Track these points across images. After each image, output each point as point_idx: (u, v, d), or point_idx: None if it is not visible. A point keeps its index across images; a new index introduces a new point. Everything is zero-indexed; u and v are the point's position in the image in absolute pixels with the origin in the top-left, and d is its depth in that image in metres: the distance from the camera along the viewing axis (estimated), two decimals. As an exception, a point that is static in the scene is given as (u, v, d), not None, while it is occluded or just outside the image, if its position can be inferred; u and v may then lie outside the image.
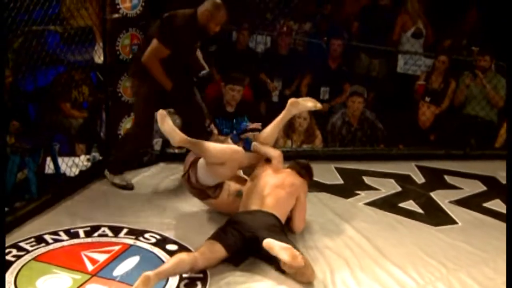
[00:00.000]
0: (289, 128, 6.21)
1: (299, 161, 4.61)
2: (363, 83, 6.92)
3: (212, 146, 4.14)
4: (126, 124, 5.17)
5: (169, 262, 3.61)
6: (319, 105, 4.75)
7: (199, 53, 4.95)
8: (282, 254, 3.58)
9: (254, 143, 4.54)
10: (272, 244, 3.63)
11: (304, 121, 6.13)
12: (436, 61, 7.17)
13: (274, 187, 4.23)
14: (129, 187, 4.94)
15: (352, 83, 7.13)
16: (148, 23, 5.02)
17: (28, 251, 3.90)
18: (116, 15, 4.88)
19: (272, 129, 4.70)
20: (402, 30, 7.71)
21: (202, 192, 4.34)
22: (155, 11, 5.09)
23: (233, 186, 4.38)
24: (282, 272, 3.75)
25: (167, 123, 4.00)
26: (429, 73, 7.26)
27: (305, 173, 4.50)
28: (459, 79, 7.05)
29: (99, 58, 5.21)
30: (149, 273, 3.40)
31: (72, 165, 5.30)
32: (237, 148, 4.26)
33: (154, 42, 4.57)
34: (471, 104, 6.93)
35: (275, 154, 4.57)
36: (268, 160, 4.53)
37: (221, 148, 4.18)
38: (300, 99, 4.75)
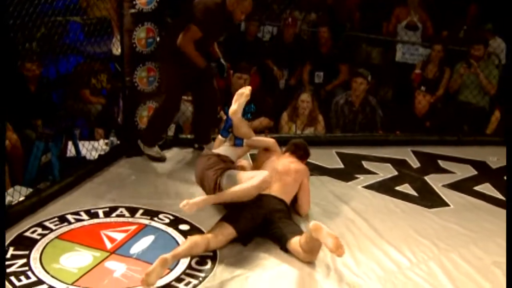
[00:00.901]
0: (293, 112, 6.26)
1: (296, 144, 4.63)
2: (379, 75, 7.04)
3: (236, 194, 3.93)
4: (142, 112, 5.20)
5: (184, 244, 3.66)
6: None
7: (215, 45, 5.09)
8: (328, 241, 3.49)
9: (245, 140, 4.41)
10: (320, 228, 3.53)
11: (307, 105, 6.17)
12: (432, 51, 7.18)
13: (281, 174, 4.27)
14: (162, 159, 5.12)
15: (348, 63, 7.24)
16: (164, 16, 5.08)
17: (52, 230, 3.96)
18: (132, 10, 4.89)
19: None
20: (397, 21, 7.73)
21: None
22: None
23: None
24: (286, 251, 3.82)
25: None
26: (425, 62, 7.27)
27: (303, 155, 4.57)
28: (454, 68, 7.07)
29: (116, 50, 5.25)
30: (166, 255, 3.47)
31: (91, 149, 5.35)
32: (260, 180, 3.96)
33: (189, 26, 4.69)
34: (464, 93, 6.95)
35: (270, 142, 4.60)
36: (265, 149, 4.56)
37: (243, 190, 3.93)
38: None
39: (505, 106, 6.13)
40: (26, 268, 3.53)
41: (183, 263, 3.67)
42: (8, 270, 3.48)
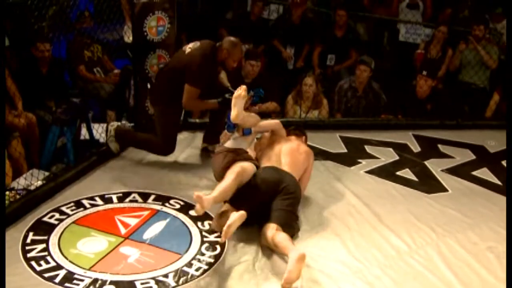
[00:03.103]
0: (297, 95, 6.34)
1: (299, 128, 4.74)
2: (368, 51, 7.03)
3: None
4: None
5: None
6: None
7: (224, 74, 4.97)
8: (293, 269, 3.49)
9: (253, 128, 4.39)
10: (302, 260, 3.53)
11: (310, 88, 6.25)
12: (435, 31, 7.22)
13: (291, 151, 4.35)
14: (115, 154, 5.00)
15: (358, 49, 7.25)
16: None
17: (68, 215, 4.07)
18: (143, 0, 4.95)
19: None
20: (398, 1, 7.74)
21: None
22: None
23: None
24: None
25: None
26: (428, 42, 7.32)
27: (306, 138, 4.71)
28: (456, 48, 7.11)
29: (128, 38, 5.32)
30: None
31: (103, 132, 5.44)
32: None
33: (187, 87, 4.58)
34: (465, 71, 7.00)
35: (276, 124, 4.66)
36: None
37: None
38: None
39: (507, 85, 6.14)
40: (46, 253, 3.65)
41: (194, 247, 3.80)
42: (28, 255, 3.61)
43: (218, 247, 3.82)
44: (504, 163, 5.33)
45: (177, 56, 4.79)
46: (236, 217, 3.65)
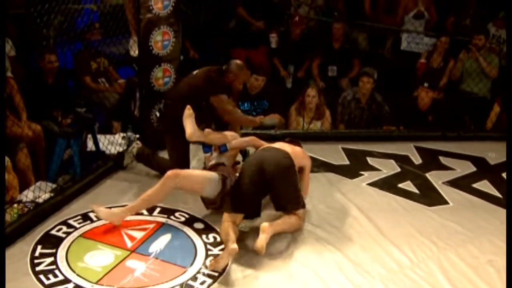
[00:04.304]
0: (300, 106, 6.39)
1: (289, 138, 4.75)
2: (369, 60, 7.13)
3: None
4: (157, 110, 5.34)
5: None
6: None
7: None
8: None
9: (228, 144, 4.56)
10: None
11: (313, 99, 6.30)
12: (437, 41, 7.26)
13: (281, 144, 4.38)
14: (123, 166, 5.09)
15: (359, 58, 7.31)
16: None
17: (76, 228, 4.13)
18: (149, 15, 5.02)
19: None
20: (404, 12, 7.78)
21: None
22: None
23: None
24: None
25: None
26: (430, 52, 7.34)
27: (296, 143, 4.61)
28: (457, 58, 7.14)
29: (134, 52, 5.38)
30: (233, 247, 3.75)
31: (109, 144, 5.49)
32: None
33: (213, 99, 4.62)
34: (466, 81, 7.04)
35: (250, 138, 4.69)
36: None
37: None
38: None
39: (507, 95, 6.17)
40: (54, 266, 3.70)
41: (200, 259, 3.85)
42: (37, 269, 3.66)
43: (223, 261, 3.87)
44: (504, 175, 5.37)
45: (185, 81, 4.83)
46: (225, 254, 3.73)
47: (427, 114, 6.42)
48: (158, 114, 5.20)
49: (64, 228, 4.12)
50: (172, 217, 4.34)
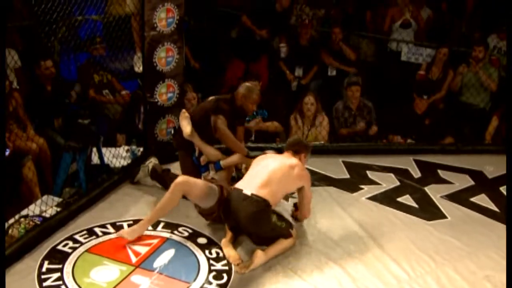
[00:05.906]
0: (298, 114, 6.48)
1: (289, 142, 4.72)
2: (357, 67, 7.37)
3: None
4: (162, 125, 5.44)
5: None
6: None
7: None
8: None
9: (221, 162, 4.84)
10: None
11: (312, 106, 6.41)
12: (437, 53, 7.31)
13: (273, 171, 4.30)
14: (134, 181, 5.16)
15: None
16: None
17: (81, 243, 4.19)
18: (153, 32, 5.10)
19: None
20: (391, 21, 7.85)
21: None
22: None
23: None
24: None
25: None
26: (430, 64, 7.39)
27: (298, 149, 4.56)
28: (456, 71, 7.21)
29: (138, 68, 5.47)
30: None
31: (113, 157, 5.56)
32: None
33: (213, 118, 4.75)
34: (466, 94, 7.12)
35: (237, 157, 4.84)
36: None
37: None
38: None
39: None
40: (60, 282, 3.76)
41: (202, 276, 3.92)
42: (44, 284, 3.74)
43: (225, 275, 3.94)
44: (501, 189, 5.45)
45: (200, 104, 5.10)
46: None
47: (423, 117, 6.58)
48: (172, 132, 5.32)
49: (70, 243, 4.18)
50: (175, 231, 4.41)
